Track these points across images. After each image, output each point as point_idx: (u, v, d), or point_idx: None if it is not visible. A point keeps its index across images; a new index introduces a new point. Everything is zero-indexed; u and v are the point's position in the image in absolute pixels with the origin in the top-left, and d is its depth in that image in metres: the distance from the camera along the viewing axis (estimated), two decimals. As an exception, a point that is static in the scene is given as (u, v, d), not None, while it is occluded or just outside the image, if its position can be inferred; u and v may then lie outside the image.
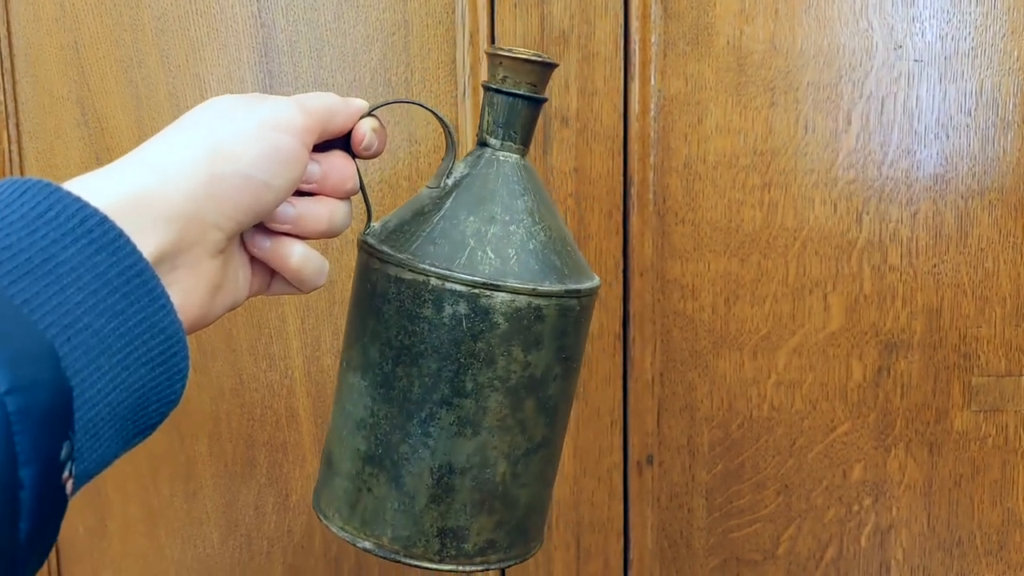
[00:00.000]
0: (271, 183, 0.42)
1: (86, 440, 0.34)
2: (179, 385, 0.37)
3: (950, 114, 0.73)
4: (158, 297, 0.36)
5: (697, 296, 0.76)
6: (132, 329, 0.35)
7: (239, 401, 0.78)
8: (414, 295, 0.45)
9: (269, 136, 0.42)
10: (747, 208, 0.75)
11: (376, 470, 0.47)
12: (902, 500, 0.78)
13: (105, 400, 0.34)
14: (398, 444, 0.46)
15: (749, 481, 0.78)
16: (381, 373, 0.47)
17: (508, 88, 0.48)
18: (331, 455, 0.50)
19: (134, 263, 0.35)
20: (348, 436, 0.48)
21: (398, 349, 0.46)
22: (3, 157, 0.76)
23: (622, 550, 0.79)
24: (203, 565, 0.81)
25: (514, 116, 0.48)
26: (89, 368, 0.33)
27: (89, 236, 0.34)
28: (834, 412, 0.77)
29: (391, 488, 0.47)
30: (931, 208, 0.74)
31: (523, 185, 0.48)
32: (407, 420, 0.46)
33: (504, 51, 0.48)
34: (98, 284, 0.34)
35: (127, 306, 0.35)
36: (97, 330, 0.34)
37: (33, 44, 0.75)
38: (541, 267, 0.47)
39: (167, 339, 0.36)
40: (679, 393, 0.77)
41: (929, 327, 0.76)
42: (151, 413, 0.37)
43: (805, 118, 0.73)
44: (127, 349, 0.35)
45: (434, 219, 0.47)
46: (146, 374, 0.36)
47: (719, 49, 0.73)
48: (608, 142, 0.74)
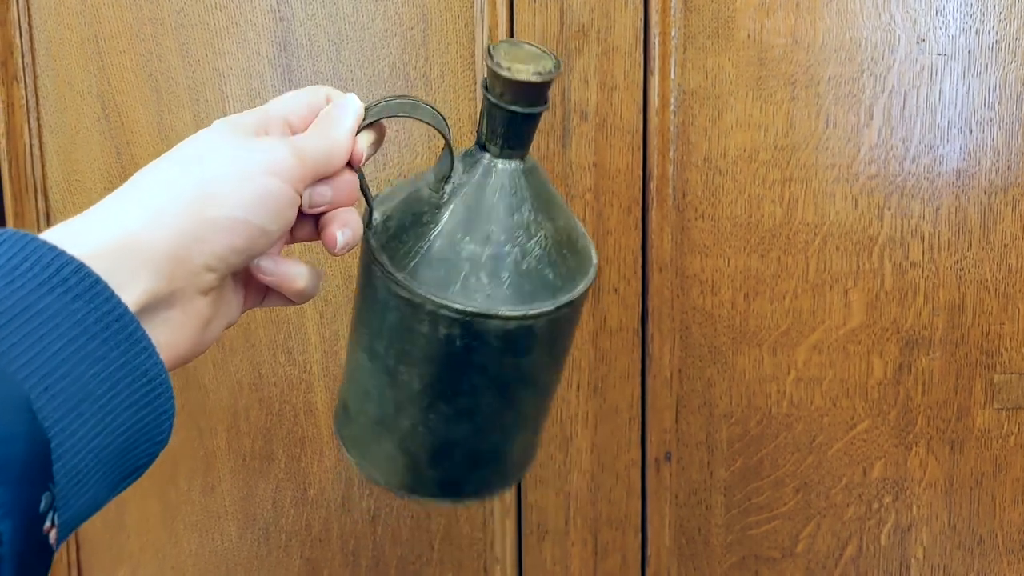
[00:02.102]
0: (265, 227, 0.41)
1: (70, 487, 0.34)
2: (166, 426, 0.37)
3: (973, 108, 0.73)
4: (139, 340, 0.36)
5: (716, 292, 0.75)
6: (114, 374, 0.35)
7: (258, 396, 0.78)
8: (413, 312, 0.46)
9: (263, 181, 0.41)
10: (767, 203, 0.74)
11: (383, 432, 0.50)
12: (923, 498, 0.77)
13: (88, 447, 0.34)
14: (401, 421, 0.49)
15: (768, 478, 0.77)
16: (384, 365, 0.48)
17: (506, 104, 0.46)
18: (346, 399, 0.52)
19: (112, 308, 0.35)
20: (359, 397, 0.50)
21: (399, 350, 0.48)
22: (25, 151, 0.76)
23: (640, 547, 0.78)
24: (221, 559, 0.81)
25: (513, 129, 0.47)
26: (70, 416, 0.33)
27: (65, 284, 0.34)
28: (854, 409, 0.76)
29: (397, 450, 0.50)
30: (954, 204, 0.74)
31: (520, 195, 0.48)
32: (409, 404, 0.48)
33: (504, 69, 0.45)
34: (76, 331, 0.34)
35: (108, 351, 0.35)
36: (77, 377, 0.34)
37: (54, 38, 0.75)
38: (534, 287, 0.47)
39: (150, 381, 0.36)
40: (698, 389, 0.76)
41: (951, 324, 0.75)
42: (139, 455, 0.37)
43: (826, 113, 0.73)
44: (110, 394, 0.35)
45: (431, 234, 0.47)
46: (131, 417, 0.36)
47: (739, 43, 0.73)
48: (628, 137, 0.73)
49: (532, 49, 0.47)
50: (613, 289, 0.75)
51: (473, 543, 0.80)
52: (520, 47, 0.47)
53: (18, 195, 0.77)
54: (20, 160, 0.76)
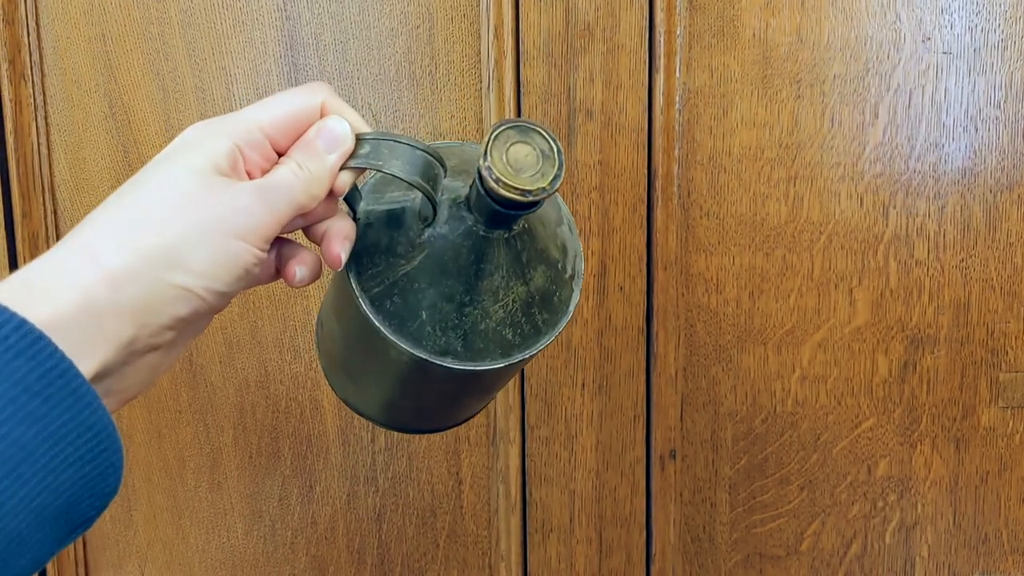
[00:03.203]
0: (227, 291, 0.40)
1: (11, 549, 0.33)
2: (112, 479, 0.37)
3: (979, 107, 0.73)
4: (83, 395, 0.35)
5: (721, 290, 0.75)
6: (56, 432, 0.34)
7: (264, 393, 0.79)
8: (370, 331, 0.46)
9: (227, 246, 0.39)
10: (772, 202, 0.74)
11: (344, 377, 0.55)
12: (928, 496, 0.77)
13: (30, 507, 0.33)
14: (361, 381, 0.53)
15: (773, 476, 0.77)
16: (346, 350, 0.52)
17: (495, 201, 0.43)
18: (322, 334, 0.56)
19: (55, 364, 0.34)
20: (330, 349, 0.55)
21: (360, 349, 0.50)
22: (32, 150, 0.77)
23: (644, 544, 0.78)
24: (227, 555, 0.81)
25: (499, 220, 0.44)
26: (9, 479, 0.33)
27: (6, 343, 0.33)
28: (859, 407, 0.76)
29: (361, 394, 0.54)
30: (959, 202, 0.74)
31: (495, 263, 0.46)
32: (364, 375, 0.52)
33: (492, 178, 0.41)
34: (16, 391, 0.33)
35: (49, 409, 0.34)
36: (16, 439, 0.33)
37: (62, 37, 0.76)
38: (487, 345, 0.46)
39: (95, 435, 0.35)
40: (703, 387, 0.77)
41: (956, 322, 0.75)
42: (84, 509, 0.36)
43: (831, 111, 0.73)
44: (51, 452, 0.34)
45: (399, 271, 0.46)
46: (75, 474, 0.35)
47: (745, 41, 0.73)
48: (633, 135, 0.73)
49: (539, 142, 0.43)
50: (618, 287, 0.75)
51: (478, 541, 0.80)
52: (528, 138, 0.43)
53: (26, 193, 0.77)
54: (28, 158, 0.77)
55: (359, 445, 0.79)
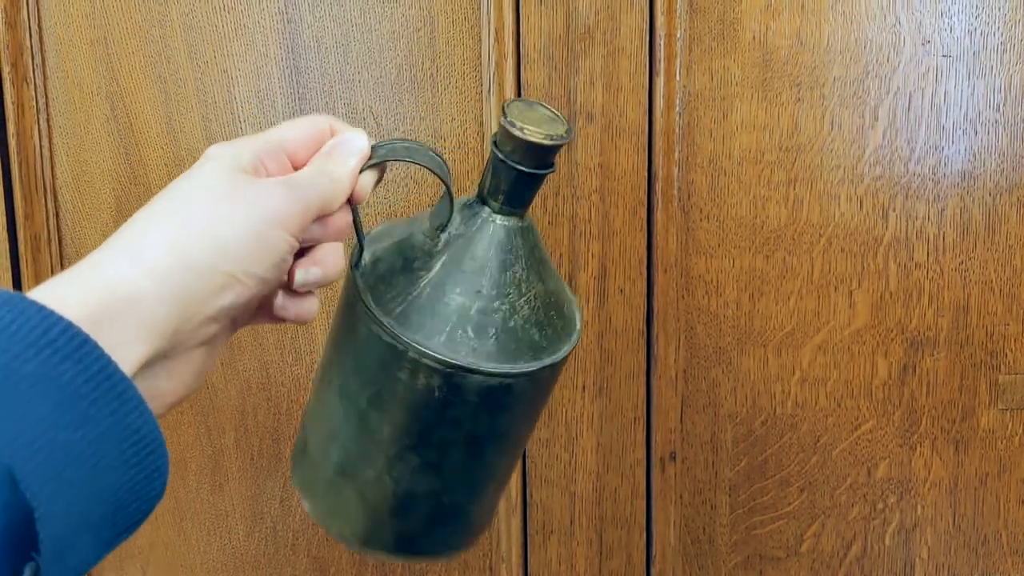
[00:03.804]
0: (266, 278, 0.41)
1: (58, 552, 0.33)
2: (158, 482, 0.37)
3: (978, 110, 0.73)
4: (129, 399, 0.35)
5: (721, 292, 0.76)
6: (103, 435, 0.34)
7: (266, 395, 0.79)
8: (393, 357, 0.45)
9: (264, 233, 0.40)
10: (772, 204, 0.74)
11: (346, 481, 0.48)
12: (927, 498, 0.77)
13: (76, 511, 0.33)
14: (365, 469, 0.48)
15: (773, 478, 0.78)
16: (355, 408, 0.47)
17: (514, 163, 0.46)
18: (307, 442, 0.51)
19: (102, 367, 0.34)
20: (323, 440, 0.49)
21: (374, 394, 0.47)
22: (35, 152, 0.77)
23: (645, 546, 0.79)
24: (229, 556, 0.82)
25: (518, 188, 0.46)
26: (55, 482, 0.33)
27: (53, 346, 0.33)
28: (859, 409, 0.76)
29: (357, 499, 0.48)
30: (958, 205, 0.74)
31: (515, 253, 0.47)
32: (376, 454, 0.47)
33: (516, 128, 0.44)
34: (63, 395, 0.33)
35: (95, 413, 0.34)
36: (62, 442, 0.33)
37: (63, 40, 0.76)
38: (519, 346, 0.47)
39: (141, 439, 0.35)
40: (703, 389, 0.77)
41: (956, 324, 0.75)
42: (131, 513, 0.36)
43: (831, 114, 0.73)
44: (97, 456, 0.34)
45: (421, 283, 0.46)
46: (120, 477, 0.35)
47: (745, 44, 0.73)
48: (633, 138, 0.74)
49: (546, 112, 0.46)
50: (618, 290, 0.75)
51: (479, 542, 0.80)
52: (534, 108, 0.46)
53: (28, 196, 0.77)
54: (30, 161, 0.77)
55: (360, 447, 0.79)
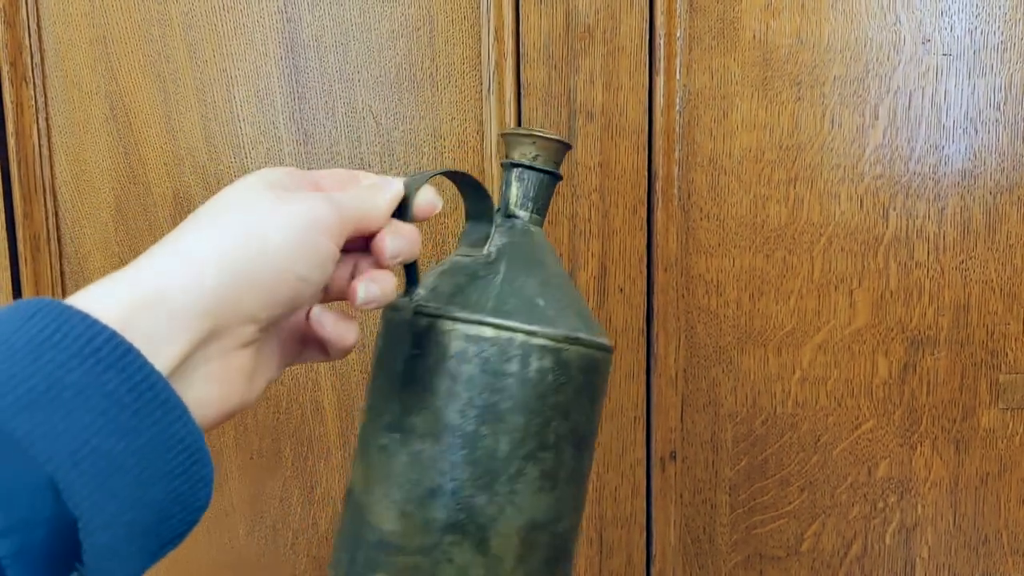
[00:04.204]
0: (307, 278, 0.41)
1: (103, 562, 0.33)
2: (203, 492, 0.36)
3: (979, 109, 0.73)
4: (173, 408, 0.35)
5: (722, 292, 0.75)
6: (146, 445, 0.34)
7: (265, 394, 0.79)
8: (500, 352, 0.46)
9: (304, 234, 0.40)
10: (772, 203, 0.74)
11: (459, 537, 0.46)
12: (928, 498, 0.77)
13: (120, 521, 0.33)
14: (484, 506, 0.46)
15: (773, 477, 0.77)
16: (462, 434, 0.45)
17: (540, 166, 0.51)
18: (382, 538, 0.46)
19: (145, 376, 0.34)
20: (415, 510, 0.46)
21: (482, 408, 0.45)
22: (34, 151, 0.77)
23: (645, 545, 0.79)
24: (229, 556, 0.81)
25: (542, 191, 0.51)
26: (100, 492, 0.32)
27: (97, 355, 0.33)
28: (859, 409, 0.76)
29: (475, 554, 0.46)
30: (959, 204, 0.74)
31: (555, 255, 0.51)
32: (494, 480, 0.46)
33: (536, 132, 0.51)
34: (107, 404, 0.33)
35: (139, 422, 0.34)
36: (106, 452, 0.33)
37: (63, 39, 0.76)
38: (591, 324, 0.49)
39: (185, 449, 0.35)
40: (703, 389, 0.77)
41: (956, 324, 0.75)
42: (176, 524, 0.36)
43: (831, 113, 0.73)
44: (141, 466, 0.34)
45: (496, 281, 0.48)
46: (165, 487, 0.35)
47: (745, 43, 0.73)
48: (633, 137, 0.74)
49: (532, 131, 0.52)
50: (618, 289, 0.75)
51: None
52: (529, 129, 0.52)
53: (27, 195, 0.77)
54: (29, 160, 0.77)
55: (360, 446, 0.79)
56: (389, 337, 0.48)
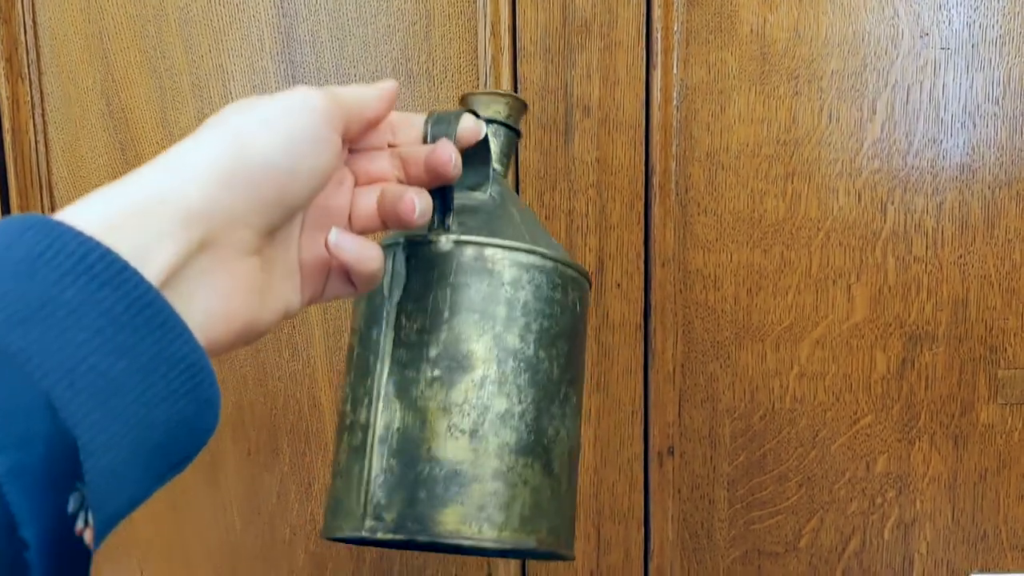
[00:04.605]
0: (296, 169, 0.39)
1: (107, 484, 0.32)
2: (209, 415, 0.35)
3: (977, 103, 0.72)
4: (173, 326, 0.34)
5: (719, 287, 0.75)
6: (146, 365, 0.33)
7: (262, 390, 0.79)
8: (548, 280, 0.48)
9: (290, 119, 0.39)
10: (770, 198, 0.74)
11: (531, 460, 0.47)
12: (926, 493, 0.77)
13: (123, 441, 0.32)
14: (546, 428, 0.47)
15: (771, 473, 0.77)
16: (524, 358, 0.47)
17: (512, 123, 0.53)
18: (454, 469, 0.46)
19: (142, 294, 0.33)
20: (488, 435, 0.46)
21: (538, 332, 0.48)
22: (30, 147, 0.77)
23: (643, 541, 0.78)
24: (226, 551, 0.82)
25: (510, 147, 0.54)
26: (100, 411, 0.32)
27: (91, 272, 0.32)
28: (857, 404, 0.76)
29: (544, 475, 0.47)
30: (957, 198, 0.73)
31: None
32: (551, 402, 0.48)
33: (507, 92, 0.54)
34: (103, 322, 0.32)
35: (138, 341, 0.33)
36: (104, 371, 0.32)
37: (58, 35, 0.76)
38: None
39: (188, 368, 0.34)
40: (701, 384, 0.77)
41: (955, 319, 0.75)
42: (182, 446, 0.35)
43: (829, 107, 0.73)
44: (143, 386, 0.33)
45: (516, 219, 0.50)
46: (169, 408, 0.34)
47: (742, 37, 0.72)
48: (630, 132, 0.73)
49: None
50: (616, 284, 0.75)
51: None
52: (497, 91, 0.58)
53: (23, 191, 0.77)
54: (25, 156, 0.77)
55: (357, 442, 0.79)
56: (424, 270, 0.48)
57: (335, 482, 0.49)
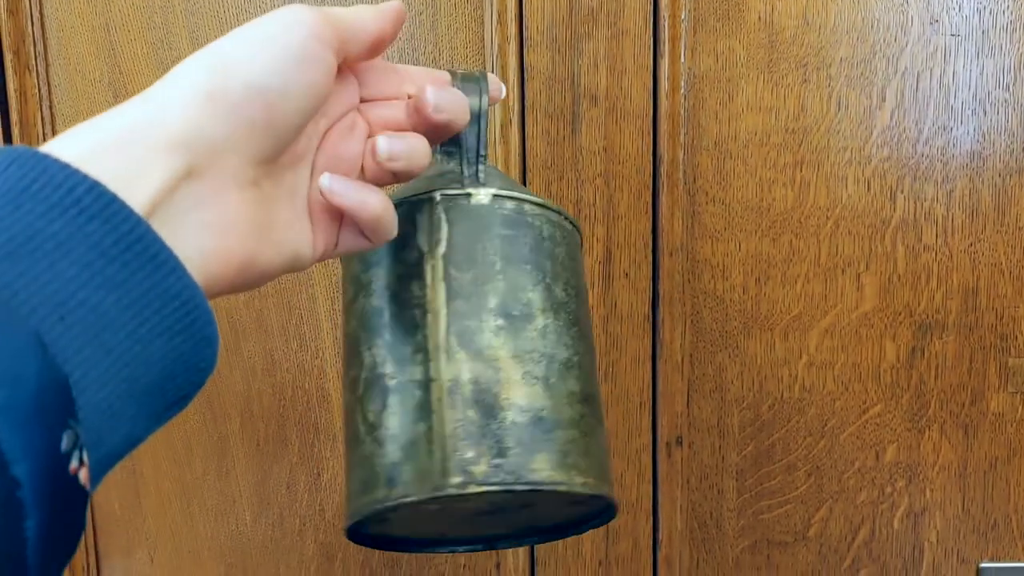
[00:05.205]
0: (283, 89, 0.37)
1: (102, 421, 0.31)
2: (207, 352, 0.34)
3: (987, 89, 0.72)
4: (165, 261, 0.32)
5: (728, 276, 0.75)
6: (138, 299, 0.32)
7: (271, 380, 0.79)
8: (572, 240, 0.49)
9: (275, 37, 0.38)
10: (778, 187, 0.74)
11: (591, 408, 0.47)
12: (936, 482, 0.77)
13: (118, 377, 0.32)
14: (594, 379, 0.48)
15: (780, 462, 0.77)
16: (569, 311, 0.47)
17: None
18: (538, 416, 0.45)
19: (131, 228, 0.32)
20: (559, 384, 0.46)
21: (575, 288, 0.48)
22: (38, 140, 0.77)
23: (651, 531, 0.78)
24: (235, 542, 0.82)
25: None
26: (91, 346, 0.31)
27: (78, 205, 0.31)
28: (867, 393, 0.76)
29: (598, 423, 0.48)
30: (967, 186, 0.73)
31: None
32: (591, 357, 0.48)
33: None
34: (92, 256, 0.31)
35: (129, 275, 0.32)
36: (95, 305, 0.31)
37: (65, 27, 0.76)
38: None
39: (183, 305, 0.33)
40: (709, 374, 0.76)
41: (965, 307, 0.74)
42: (180, 384, 0.34)
43: (838, 95, 0.72)
44: (136, 321, 0.32)
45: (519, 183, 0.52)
46: (164, 344, 0.33)
47: (750, 25, 0.72)
48: (637, 121, 0.73)
49: None
50: (624, 274, 0.75)
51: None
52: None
53: (32, 183, 0.77)
54: (34, 148, 0.77)
55: (366, 433, 0.79)
56: (465, 222, 0.47)
57: (375, 451, 0.45)
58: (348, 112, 0.44)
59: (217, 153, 0.36)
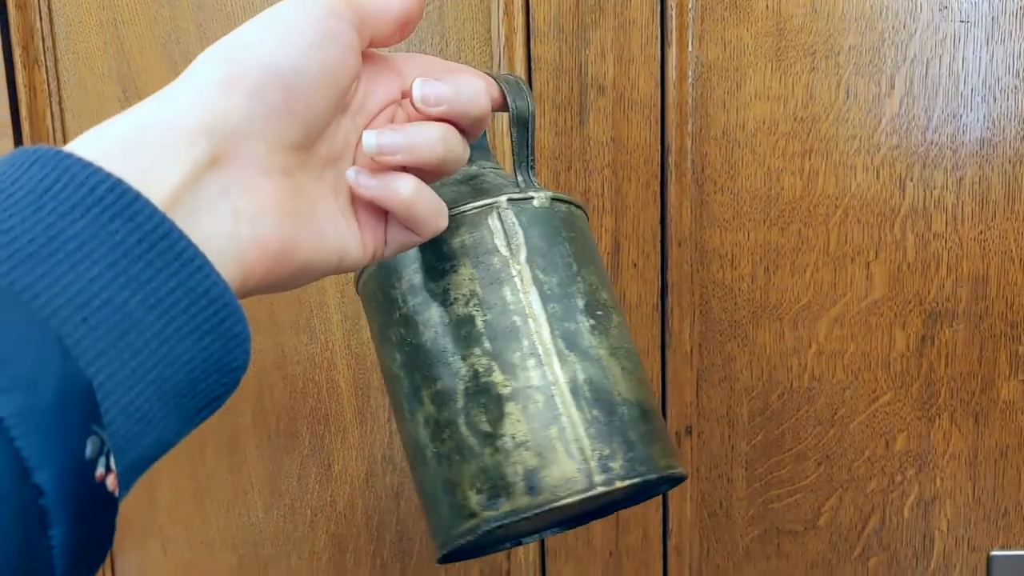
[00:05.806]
0: (301, 68, 0.36)
1: (130, 425, 0.31)
2: (239, 352, 0.34)
3: (997, 76, 0.71)
4: (191, 259, 0.32)
5: (736, 265, 0.75)
6: (165, 299, 0.31)
7: (281, 374, 0.79)
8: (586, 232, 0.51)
9: (289, 16, 0.37)
10: (787, 176, 0.74)
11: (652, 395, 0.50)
12: (946, 470, 0.77)
13: (146, 379, 0.31)
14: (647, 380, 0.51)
15: (790, 451, 0.77)
16: (617, 303, 0.50)
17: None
18: (644, 406, 0.47)
19: (156, 226, 0.31)
20: (641, 373, 0.49)
21: (611, 291, 0.50)
22: (48, 135, 0.77)
23: (661, 520, 0.79)
24: (248, 534, 0.82)
25: None
26: (116, 348, 0.30)
27: (101, 204, 0.30)
28: (877, 382, 0.76)
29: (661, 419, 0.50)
30: (977, 173, 0.73)
31: None
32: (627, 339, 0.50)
33: None
34: (116, 255, 0.30)
35: (154, 274, 0.31)
36: (120, 305, 0.30)
37: (73, 22, 0.76)
38: None
39: (210, 303, 0.32)
40: (718, 364, 0.76)
41: (975, 295, 0.74)
42: (211, 386, 0.33)
43: (847, 83, 0.72)
44: (162, 321, 0.31)
45: None
46: (194, 345, 0.32)
47: (758, 13, 0.72)
48: (645, 110, 0.73)
49: None
50: (632, 264, 0.75)
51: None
52: None
53: (42, 178, 0.78)
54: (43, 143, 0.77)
55: (376, 424, 0.79)
56: (535, 226, 0.48)
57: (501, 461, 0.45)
58: (387, 106, 0.43)
59: (240, 139, 0.35)
